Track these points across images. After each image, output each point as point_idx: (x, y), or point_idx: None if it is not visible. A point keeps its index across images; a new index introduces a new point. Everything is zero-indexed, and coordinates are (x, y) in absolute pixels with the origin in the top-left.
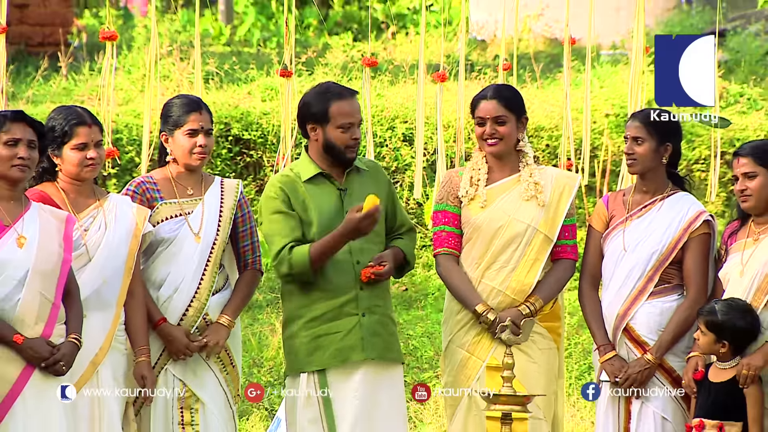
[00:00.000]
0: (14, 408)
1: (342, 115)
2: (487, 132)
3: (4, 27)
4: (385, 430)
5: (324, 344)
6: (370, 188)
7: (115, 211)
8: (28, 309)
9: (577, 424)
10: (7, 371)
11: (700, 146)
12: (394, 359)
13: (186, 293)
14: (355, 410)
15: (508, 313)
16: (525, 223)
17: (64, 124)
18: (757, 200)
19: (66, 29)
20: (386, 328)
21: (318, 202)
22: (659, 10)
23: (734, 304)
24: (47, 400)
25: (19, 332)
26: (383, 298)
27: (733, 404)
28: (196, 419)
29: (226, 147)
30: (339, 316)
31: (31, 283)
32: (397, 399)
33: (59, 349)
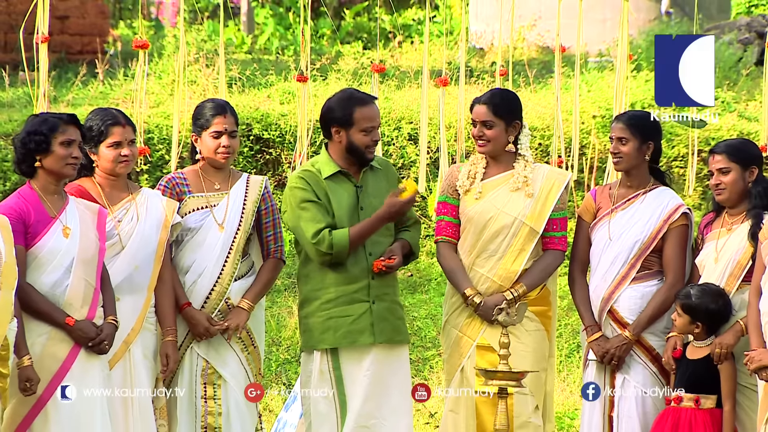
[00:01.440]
0: (64, 384)
1: (365, 119)
2: (475, 133)
3: (47, 37)
4: (393, 406)
5: (336, 325)
6: (383, 185)
7: (146, 203)
8: (75, 294)
9: (566, 398)
10: (58, 350)
11: (679, 145)
12: (401, 341)
13: (209, 278)
14: (365, 389)
15: (493, 299)
16: (512, 215)
17: (101, 124)
18: (730, 193)
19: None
20: (394, 314)
21: (337, 197)
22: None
23: (707, 288)
24: (90, 376)
25: (69, 315)
26: (392, 286)
27: (709, 379)
28: (218, 394)
29: (247, 146)
30: (351, 301)
31: (76, 270)
32: (404, 377)
33: (102, 329)
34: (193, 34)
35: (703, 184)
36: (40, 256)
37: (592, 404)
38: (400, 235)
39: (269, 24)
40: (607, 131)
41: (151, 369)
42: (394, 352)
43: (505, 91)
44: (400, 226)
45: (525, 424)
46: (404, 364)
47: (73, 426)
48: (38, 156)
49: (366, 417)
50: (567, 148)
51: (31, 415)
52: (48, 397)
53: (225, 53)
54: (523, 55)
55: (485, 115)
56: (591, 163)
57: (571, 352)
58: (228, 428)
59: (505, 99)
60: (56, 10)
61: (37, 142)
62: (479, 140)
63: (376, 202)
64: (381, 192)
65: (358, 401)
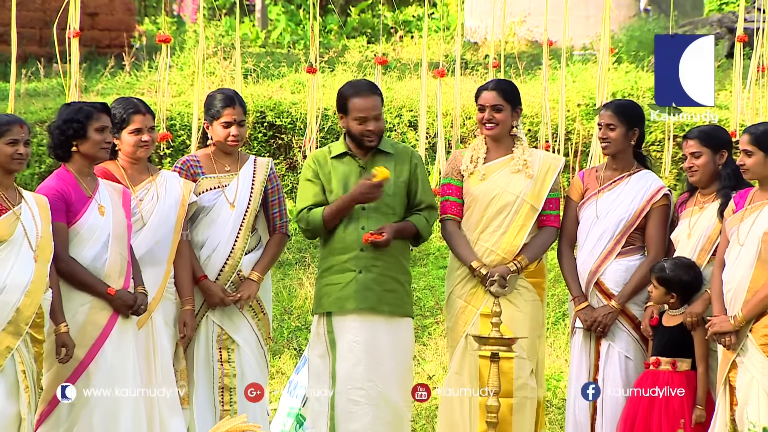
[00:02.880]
0: (104, 347)
1: (356, 109)
2: (486, 117)
3: (78, 32)
4: (387, 372)
5: (328, 292)
6: (391, 168)
7: (165, 184)
8: (113, 266)
9: (553, 362)
10: (99, 318)
11: (656, 131)
12: (390, 312)
13: (222, 253)
14: (356, 353)
15: (498, 270)
16: (514, 194)
17: (123, 112)
18: (702, 175)
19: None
20: (381, 285)
21: (341, 175)
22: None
23: (680, 262)
24: (125, 340)
25: (110, 286)
26: (383, 260)
27: (683, 344)
28: (232, 357)
29: (261, 131)
30: (342, 270)
31: (112, 245)
32: (401, 349)
33: (137, 298)
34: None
35: (677, 167)
36: (81, 233)
37: (578, 368)
38: (408, 217)
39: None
40: (590, 118)
41: (171, 335)
42: (388, 323)
43: (509, 80)
44: (412, 208)
45: (523, 385)
46: (401, 334)
47: (109, 385)
48: (75, 141)
49: (358, 380)
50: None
51: (74, 376)
52: (89, 360)
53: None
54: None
55: (495, 100)
56: (576, 148)
57: (557, 320)
58: (242, 388)
59: (511, 86)
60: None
61: (75, 129)
62: (488, 123)
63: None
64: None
65: (347, 364)
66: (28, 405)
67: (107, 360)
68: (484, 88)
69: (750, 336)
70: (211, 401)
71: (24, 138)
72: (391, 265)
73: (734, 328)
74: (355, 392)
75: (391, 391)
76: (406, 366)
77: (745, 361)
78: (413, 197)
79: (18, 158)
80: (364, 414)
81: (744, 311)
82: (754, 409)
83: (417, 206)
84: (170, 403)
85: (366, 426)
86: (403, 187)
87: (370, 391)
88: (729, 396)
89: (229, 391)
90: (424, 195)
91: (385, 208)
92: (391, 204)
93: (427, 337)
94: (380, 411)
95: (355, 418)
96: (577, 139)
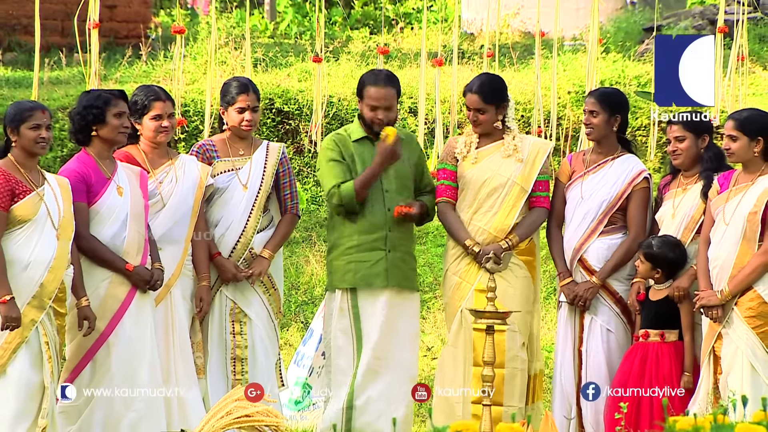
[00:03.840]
0: (123, 320)
1: (370, 97)
2: (470, 118)
3: (97, 23)
4: (401, 343)
5: (356, 268)
6: (405, 153)
7: (183, 167)
8: (131, 244)
9: (545, 335)
10: (118, 292)
11: (641, 116)
12: (410, 287)
13: (235, 231)
14: (379, 326)
15: (491, 247)
16: (505, 177)
17: (144, 99)
18: (685, 158)
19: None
20: (406, 264)
21: (362, 157)
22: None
23: (667, 240)
24: (143, 314)
25: (129, 262)
26: (407, 239)
27: (670, 316)
28: (244, 330)
29: (270, 117)
30: (370, 249)
31: (130, 224)
32: (412, 320)
33: (153, 274)
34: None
35: (662, 151)
36: (101, 212)
37: (564, 340)
38: (419, 198)
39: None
40: (580, 105)
41: (188, 309)
42: (405, 297)
43: (493, 78)
44: (419, 191)
45: (514, 357)
46: (414, 309)
47: (129, 355)
48: (95, 126)
49: (380, 351)
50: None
51: (95, 347)
52: (110, 332)
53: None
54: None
55: (477, 104)
56: (566, 133)
57: (549, 294)
58: (253, 359)
59: (493, 85)
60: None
61: (94, 115)
62: (473, 123)
63: (398, 166)
64: (403, 158)
65: (374, 336)
66: (51, 374)
67: (126, 332)
68: (469, 90)
69: (735, 309)
70: (223, 371)
71: (46, 123)
72: (410, 244)
73: (721, 302)
74: (376, 362)
75: (406, 357)
76: (416, 334)
77: (730, 332)
78: (420, 180)
79: (41, 142)
80: (380, 381)
81: (730, 286)
82: (737, 377)
83: (424, 188)
84: (187, 373)
85: (382, 391)
86: (414, 171)
87: (386, 359)
88: (713, 366)
89: (241, 362)
90: (428, 178)
91: (405, 191)
92: (408, 186)
93: (426, 311)
94: (396, 377)
95: (374, 384)
96: (567, 124)
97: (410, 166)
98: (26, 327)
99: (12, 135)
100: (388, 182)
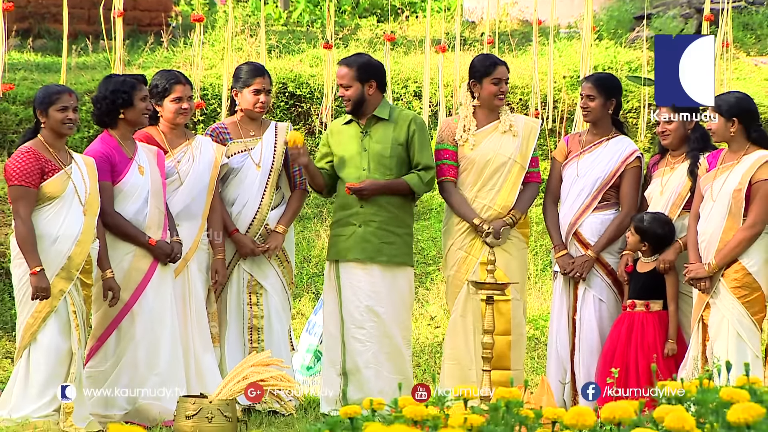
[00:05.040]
0: (146, 290)
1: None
2: (503, 90)
3: (122, 12)
4: (387, 315)
5: (335, 242)
6: (390, 134)
7: (200, 148)
8: (152, 219)
9: (541, 304)
10: (141, 264)
11: (632, 99)
12: (387, 261)
13: (251, 209)
14: (358, 296)
15: (499, 223)
16: (506, 156)
17: (165, 83)
18: (673, 139)
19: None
20: (380, 238)
21: (344, 140)
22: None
23: (658, 217)
24: (164, 285)
25: (150, 237)
26: (381, 215)
27: (656, 287)
28: (260, 300)
29: (283, 100)
30: (345, 224)
31: (151, 201)
32: (399, 293)
33: (173, 247)
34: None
35: (651, 131)
36: (125, 190)
37: (559, 309)
38: (403, 176)
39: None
40: (575, 89)
41: (204, 281)
42: (387, 269)
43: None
44: (412, 168)
45: (518, 324)
46: (398, 280)
47: (152, 323)
48: (122, 110)
49: (359, 320)
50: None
51: (120, 316)
52: (133, 302)
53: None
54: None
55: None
56: (562, 115)
57: (545, 266)
58: (269, 328)
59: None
60: None
61: (123, 99)
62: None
63: (378, 147)
64: (386, 139)
65: (350, 306)
66: (78, 341)
67: (149, 302)
68: (502, 63)
69: (722, 280)
70: (241, 339)
71: (73, 105)
72: (389, 219)
73: (708, 274)
74: (358, 331)
75: (391, 330)
76: (405, 308)
77: (717, 302)
78: (412, 158)
79: (68, 123)
80: (366, 350)
81: (717, 259)
82: (723, 345)
83: (416, 166)
84: (203, 341)
85: (369, 360)
86: (401, 150)
87: (371, 330)
88: (702, 333)
89: (257, 331)
90: (421, 157)
91: (382, 168)
92: (388, 165)
93: (430, 283)
94: (382, 347)
95: (359, 353)
96: (563, 107)
97: (395, 146)
98: (55, 297)
99: (41, 116)
100: (365, 162)
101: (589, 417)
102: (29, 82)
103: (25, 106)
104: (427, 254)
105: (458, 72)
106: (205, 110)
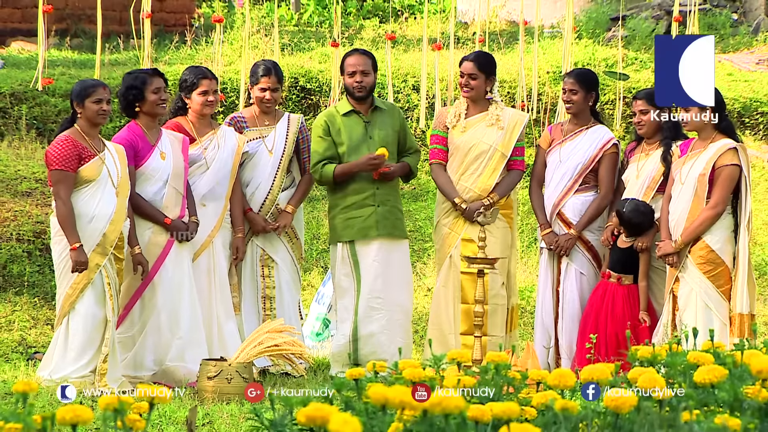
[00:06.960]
0: (165, 263)
1: (347, 65)
2: (463, 83)
3: (150, 14)
4: (396, 283)
5: (352, 224)
6: (388, 121)
7: (224, 136)
8: (170, 200)
9: (527, 277)
10: (159, 240)
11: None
12: (399, 236)
13: (263, 190)
14: (374, 270)
15: (475, 204)
16: (489, 144)
17: (194, 77)
18: (648, 128)
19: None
20: (394, 215)
21: (349, 129)
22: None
23: (638, 206)
24: (180, 258)
25: (167, 216)
26: (392, 195)
27: (629, 263)
28: (272, 273)
29: (295, 93)
30: (362, 206)
31: (170, 183)
32: (404, 264)
33: (189, 226)
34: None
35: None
36: (146, 173)
37: (544, 281)
38: (402, 159)
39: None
40: (557, 83)
41: (227, 256)
42: (396, 244)
43: (487, 53)
44: (403, 152)
45: (495, 295)
46: (404, 254)
47: (171, 293)
48: (137, 104)
49: (377, 290)
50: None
51: (142, 287)
52: (154, 273)
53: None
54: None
55: (471, 69)
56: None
57: (531, 243)
58: (280, 297)
59: (488, 59)
60: None
61: (134, 95)
62: (464, 88)
63: (382, 134)
64: (386, 126)
65: (370, 278)
66: (112, 310)
67: (168, 273)
68: (466, 59)
69: (689, 256)
70: (255, 308)
71: (106, 98)
72: (396, 198)
73: (675, 250)
74: (374, 300)
75: (401, 296)
76: (409, 276)
77: (685, 276)
78: (403, 143)
79: (102, 114)
80: (380, 317)
81: (683, 236)
82: (691, 314)
83: (407, 151)
84: (226, 310)
85: (383, 326)
86: (396, 136)
87: (386, 298)
88: (672, 304)
89: (270, 300)
90: (411, 142)
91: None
92: (392, 150)
93: (427, 258)
94: (394, 314)
95: (373, 320)
96: (546, 99)
97: (393, 133)
98: (92, 270)
99: (78, 108)
100: (372, 149)
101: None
102: (67, 77)
103: (63, 98)
104: (424, 232)
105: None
106: (224, 102)
